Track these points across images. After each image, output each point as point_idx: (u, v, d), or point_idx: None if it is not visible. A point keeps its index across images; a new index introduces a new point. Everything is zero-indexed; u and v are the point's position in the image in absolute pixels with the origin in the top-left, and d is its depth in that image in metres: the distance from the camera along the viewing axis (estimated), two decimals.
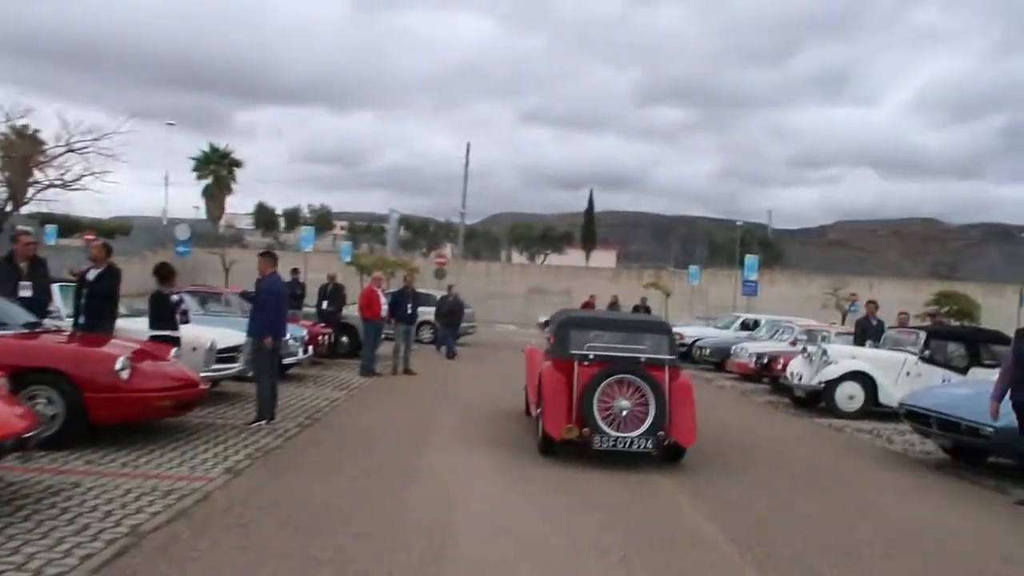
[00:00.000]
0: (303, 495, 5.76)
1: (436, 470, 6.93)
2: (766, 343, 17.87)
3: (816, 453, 9.11)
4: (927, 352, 12.21)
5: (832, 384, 11.98)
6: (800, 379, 12.58)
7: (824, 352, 12.43)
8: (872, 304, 14.30)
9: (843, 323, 23.00)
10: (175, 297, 8.77)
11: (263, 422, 8.21)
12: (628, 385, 7.31)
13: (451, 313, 19.38)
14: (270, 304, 8.48)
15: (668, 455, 7.47)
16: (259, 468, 6.46)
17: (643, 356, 7.64)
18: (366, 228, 75.55)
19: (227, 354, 9.35)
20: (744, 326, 22.53)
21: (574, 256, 65.62)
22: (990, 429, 7.31)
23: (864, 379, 12.00)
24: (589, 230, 68.54)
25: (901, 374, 12.16)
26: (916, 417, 8.56)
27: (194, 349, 8.71)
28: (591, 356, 7.54)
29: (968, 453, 8.51)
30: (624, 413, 7.23)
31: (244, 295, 10.00)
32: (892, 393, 12.00)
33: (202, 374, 8.10)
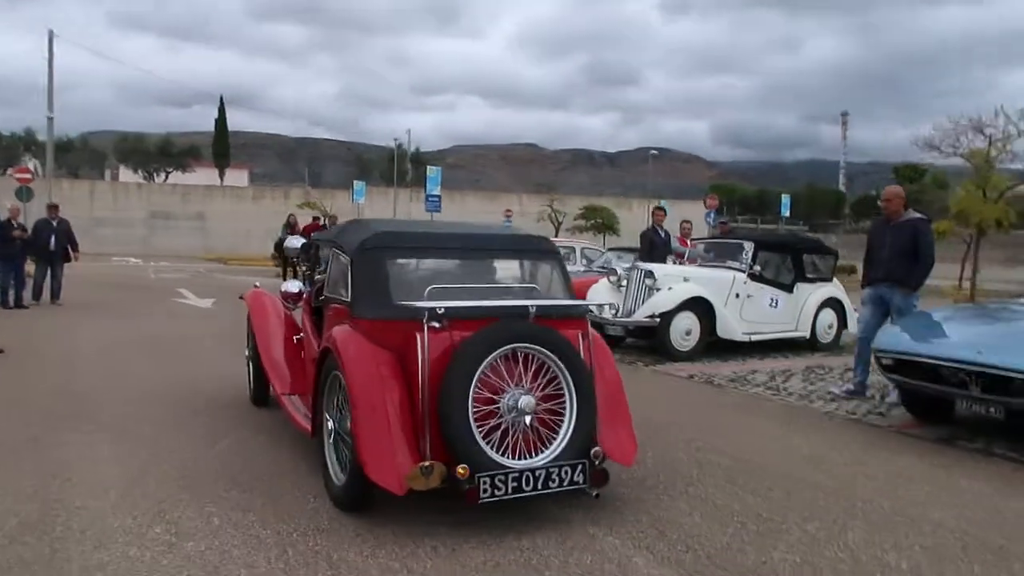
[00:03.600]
0: None
1: None
2: None
3: (736, 432, 5.76)
4: (756, 268, 9.74)
5: (668, 316, 8.88)
6: (617, 313, 9.28)
7: (648, 275, 9.24)
8: (660, 211, 11.49)
9: (556, 235, 21.13)
10: None
11: None
12: (525, 362, 3.60)
13: (7, 240, 12.66)
14: None
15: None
16: None
17: (533, 304, 3.75)
18: None
19: None
20: None
21: (202, 175, 56.63)
22: None
23: (699, 307, 9.10)
24: (222, 144, 58.60)
25: (730, 297, 9.54)
26: (912, 370, 5.60)
27: None
28: (441, 311, 3.52)
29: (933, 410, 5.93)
30: (528, 419, 3.52)
31: None
32: (729, 323, 9.34)
33: None
